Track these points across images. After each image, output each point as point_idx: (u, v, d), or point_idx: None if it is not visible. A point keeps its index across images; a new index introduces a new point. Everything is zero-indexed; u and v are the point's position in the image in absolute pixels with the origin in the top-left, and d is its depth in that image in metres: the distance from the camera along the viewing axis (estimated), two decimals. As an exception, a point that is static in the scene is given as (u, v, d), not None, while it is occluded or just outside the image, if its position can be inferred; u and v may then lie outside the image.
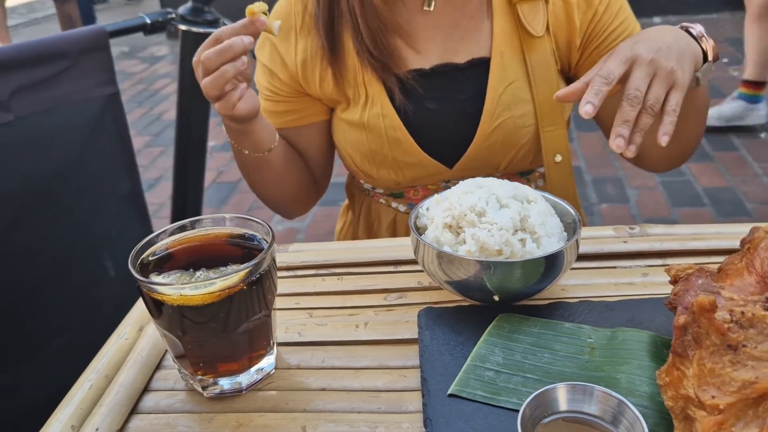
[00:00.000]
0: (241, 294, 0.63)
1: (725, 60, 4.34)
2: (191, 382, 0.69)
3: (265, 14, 0.84)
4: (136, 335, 0.78)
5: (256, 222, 0.69)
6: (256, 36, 0.84)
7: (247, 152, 1.00)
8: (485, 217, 0.74)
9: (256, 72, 1.11)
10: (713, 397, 0.49)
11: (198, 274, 0.64)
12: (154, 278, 0.64)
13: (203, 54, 0.82)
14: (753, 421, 0.48)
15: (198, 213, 1.97)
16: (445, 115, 1.04)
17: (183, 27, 1.69)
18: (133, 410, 0.68)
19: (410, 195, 1.11)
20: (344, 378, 0.69)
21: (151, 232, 1.72)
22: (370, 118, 1.03)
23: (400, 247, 0.89)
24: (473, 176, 1.06)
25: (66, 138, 1.44)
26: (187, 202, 1.93)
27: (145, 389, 0.71)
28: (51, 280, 1.40)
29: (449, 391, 0.64)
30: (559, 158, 1.08)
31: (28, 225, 1.35)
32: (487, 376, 0.65)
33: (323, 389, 0.68)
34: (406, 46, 1.03)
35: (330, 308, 0.80)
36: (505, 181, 0.80)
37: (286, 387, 0.69)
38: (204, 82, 0.84)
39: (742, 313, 0.50)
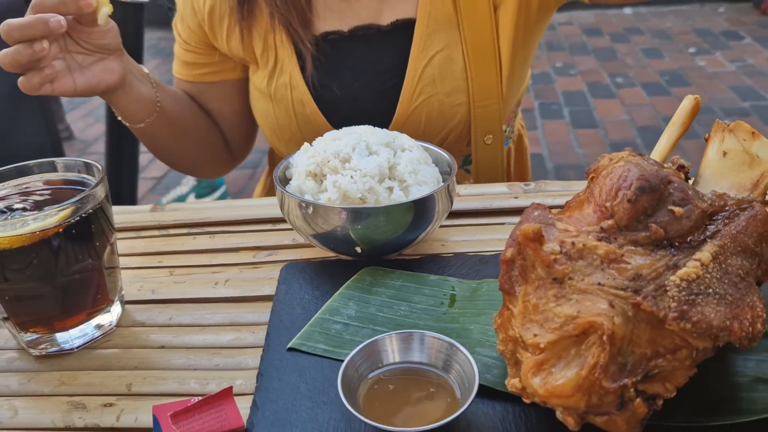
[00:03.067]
0: (60, 237, 0.57)
1: (692, 50, 4.33)
2: (19, 341, 0.63)
3: None
4: (-22, 294, 0.72)
5: (91, 164, 0.63)
6: (82, 16, 0.75)
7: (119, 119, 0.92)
8: (350, 163, 0.68)
9: (176, 14, 1.00)
10: (535, 335, 0.44)
11: (12, 215, 0.59)
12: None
13: (2, 23, 0.71)
14: (574, 360, 0.43)
15: (134, 188, 1.90)
16: (362, 90, 0.93)
17: (109, -4, 1.63)
18: (-49, 370, 0.62)
19: None
20: (188, 335, 0.63)
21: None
22: (277, 88, 0.93)
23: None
24: None
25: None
26: (122, 181, 1.86)
27: (-29, 349, 0.65)
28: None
29: (289, 345, 0.58)
30: (490, 139, 0.95)
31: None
32: (334, 329, 0.60)
33: (162, 347, 0.62)
34: (324, 2, 0.91)
35: (194, 266, 0.74)
36: (385, 129, 0.75)
37: (124, 345, 0.63)
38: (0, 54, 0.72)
39: (573, 243, 0.45)
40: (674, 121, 0.55)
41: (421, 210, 0.66)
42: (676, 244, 0.46)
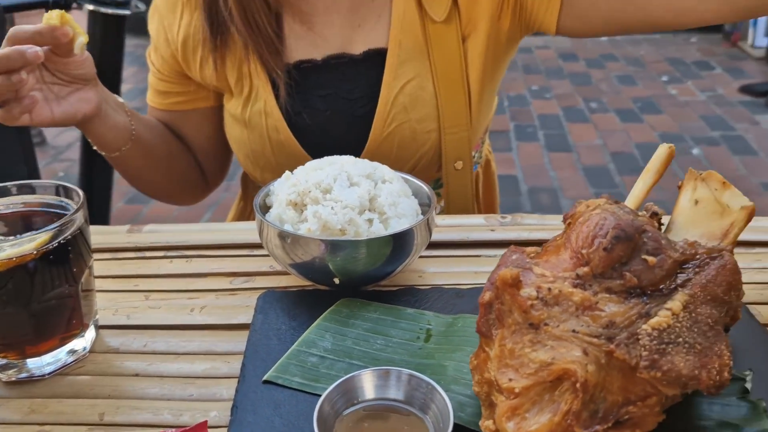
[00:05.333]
0: (36, 264, 0.57)
1: (664, 78, 4.43)
2: (-11, 364, 0.62)
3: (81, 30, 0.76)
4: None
5: (71, 188, 0.63)
6: (59, 47, 0.76)
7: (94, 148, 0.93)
8: (331, 194, 0.69)
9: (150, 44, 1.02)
10: (510, 380, 0.45)
11: (-13, 240, 0.58)
12: (-65, 244, 0.57)
13: None
14: (548, 405, 0.44)
15: (108, 202, 1.88)
16: (334, 117, 0.94)
17: (90, 6, 1.61)
18: None
19: None
20: (162, 363, 0.63)
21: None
22: (251, 115, 0.94)
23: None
24: None
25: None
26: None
27: (-61, 372, 0.63)
28: None
29: (264, 377, 0.58)
30: (460, 165, 0.98)
31: None
32: (310, 362, 0.60)
33: (137, 375, 0.62)
34: (296, 31, 0.93)
35: (170, 291, 0.74)
36: (365, 160, 0.75)
37: (97, 372, 0.63)
38: None
39: (549, 289, 0.46)
40: (649, 168, 0.57)
41: (400, 243, 0.67)
42: (649, 292, 0.48)
